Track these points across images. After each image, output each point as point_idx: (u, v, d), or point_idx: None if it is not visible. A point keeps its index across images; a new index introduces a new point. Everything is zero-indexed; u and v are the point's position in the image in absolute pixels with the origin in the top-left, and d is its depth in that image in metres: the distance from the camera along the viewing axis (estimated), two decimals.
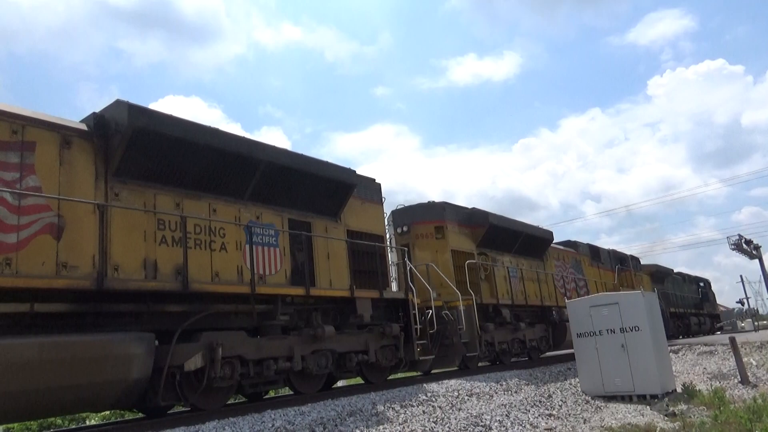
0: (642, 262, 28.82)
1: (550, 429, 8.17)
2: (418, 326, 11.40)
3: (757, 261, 45.99)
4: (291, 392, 9.89)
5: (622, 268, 25.00)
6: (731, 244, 43.58)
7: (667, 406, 9.73)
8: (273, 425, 6.60)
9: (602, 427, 8.47)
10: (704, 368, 14.61)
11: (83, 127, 7.49)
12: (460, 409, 8.64)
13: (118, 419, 12.62)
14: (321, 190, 10.37)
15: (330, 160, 10.14)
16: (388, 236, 12.98)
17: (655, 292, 13.83)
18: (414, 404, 8.49)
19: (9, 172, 6.57)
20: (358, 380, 11.68)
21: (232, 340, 8.19)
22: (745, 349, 15.80)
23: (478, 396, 9.69)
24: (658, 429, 8.02)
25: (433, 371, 13.44)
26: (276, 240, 9.43)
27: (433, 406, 8.56)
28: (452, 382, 10.69)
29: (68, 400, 6.61)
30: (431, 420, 7.78)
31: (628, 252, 26.96)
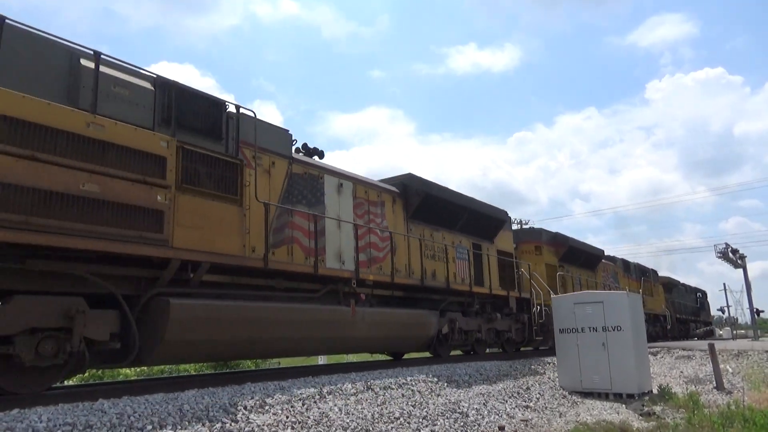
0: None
1: (526, 420, 8.26)
2: (536, 317, 16.37)
3: (740, 271, 46.47)
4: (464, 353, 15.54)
5: (645, 279, 29.35)
6: (718, 252, 43.88)
7: (643, 406, 9.86)
8: (252, 397, 6.60)
9: (577, 422, 8.56)
10: (681, 372, 14.80)
11: (397, 191, 12.78)
12: (438, 395, 8.69)
13: (96, 381, 12.62)
14: (487, 224, 15.72)
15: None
16: None
17: (640, 297, 13.98)
18: (393, 387, 8.53)
19: (378, 218, 11.96)
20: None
21: (458, 318, 13.66)
22: (722, 356, 16.03)
23: (458, 384, 9.76)
24: (635, 428, 8.13)
25: (522, 348, 18.45)
26: (467, 256, 14.47)
27: (412, 390, 8.60)
28: (433, 367, 10.76)
29: (405, 343, 12.62)
30: (410, 404, 7.83)
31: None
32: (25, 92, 6.38)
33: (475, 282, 14.38)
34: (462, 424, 7.49)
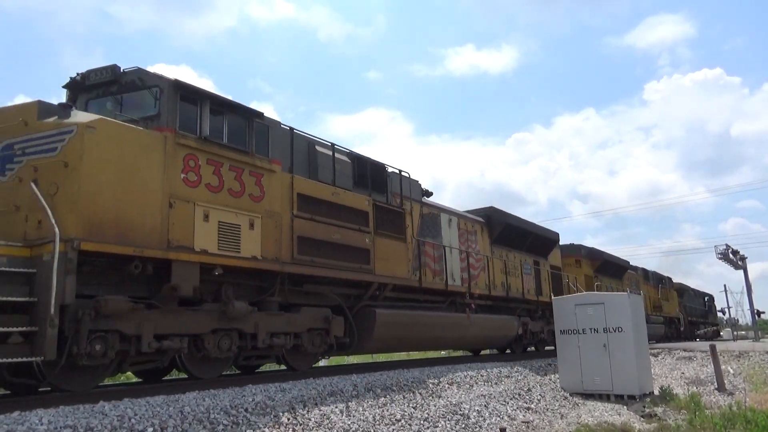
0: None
1: (528, 422, 8.25)
2: None
3: (739, 272, 46.37)
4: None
5: (662, 286, 32.88)
6: (718, 254, 43.76)
7: (644, 407, 9.84)
8: (253, 399, 6.58)
9: (579, 423, 8.55)
10: (682, 373, 14.79)
11: (483, 221, 16.09)
12: (439, 397, 8.68)
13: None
14: (544, 244, 19.11)
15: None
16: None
17: (641, 299, 13.96)
18: (395, 389, 8.52)
19: (473, 244, 15.08)
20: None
21: (529, 322, 17.05)
22: (724, 357, 16.00)
23: (459, 385, 9.74)
24: (636, 429, 8.11)
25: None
26: (531, 271, 17.85)
27: (413, 392, 8.59)
28: (435, 369, 10.74)
29: (498, 341, 16.51)
30: (411, 406, 7.82)
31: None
32: (298, 174, 9.70)
33: (537, 292, 17.84)
34: (463, 426, 7.49)
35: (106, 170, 6.91)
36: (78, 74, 8.38)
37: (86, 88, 8.34)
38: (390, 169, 12.26)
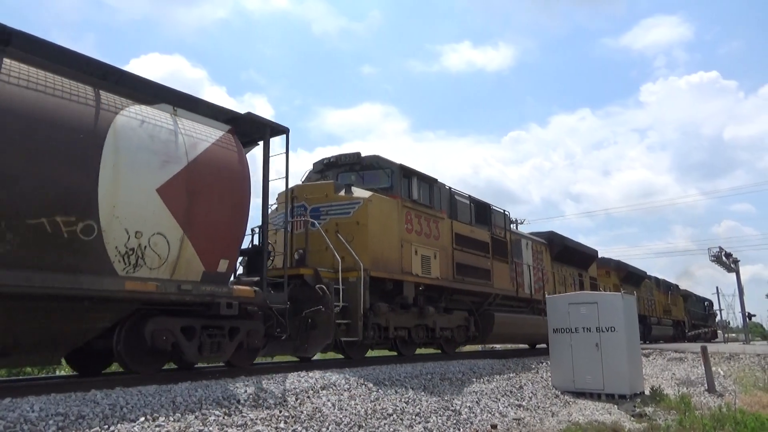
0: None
1: (519, 419, 8.27)
2: None
3: (732, 275, 46.64)
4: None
5: (671, 292, 36.59)
6: (711, 256, 44.10)
7: (635, 407, 9.89)
8: (246, 391, 6.58)
9: (570, 421, 8.59)
10: (673, 374, 14.85)
11: (546, 242, 19.60)
12: (431, 393, 8.69)
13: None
14: (586, 259, 22.69)
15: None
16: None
17: (634, 299, 14.01)
18: (387, 384, 8.53)
19: (541, 262, 18.79)
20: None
21: None
22: (714, 359, 16.08)
23: (451, 381, 9.76)
24: (627, 429, 8.15)
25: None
26: (577, 282, 21.58)
27: (405, 387, 8.61)
28: (427, 365, 10.76)
29: (533, 337, 17.78)
30: (403, 400, 7.83)
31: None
32: (452, 218, 13.62)
33: None
34: (455, 421, 7.51)
35: (376, 225, 11.07)
36: (333, 157, 12.49)
37: (337, 165, 12.37)
38: (493, 208, 15.90)
